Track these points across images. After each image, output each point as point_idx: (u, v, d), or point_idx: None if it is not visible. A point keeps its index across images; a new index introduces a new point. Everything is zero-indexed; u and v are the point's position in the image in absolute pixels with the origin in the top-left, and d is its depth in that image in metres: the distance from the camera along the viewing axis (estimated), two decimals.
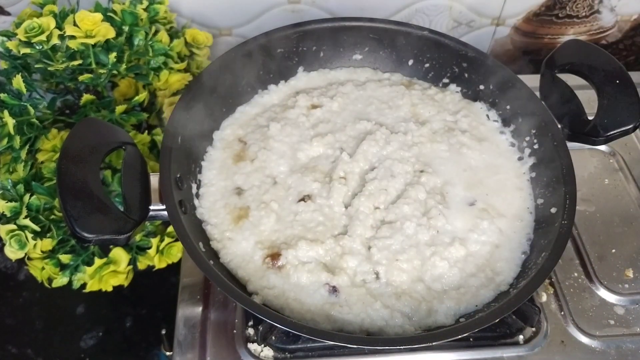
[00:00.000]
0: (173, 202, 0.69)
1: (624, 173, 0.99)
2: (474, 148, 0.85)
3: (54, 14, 0.86)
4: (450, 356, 0.77)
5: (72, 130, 0.66)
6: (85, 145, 0.65)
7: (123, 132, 0.72)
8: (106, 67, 0.85)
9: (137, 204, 0.66)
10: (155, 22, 0.94)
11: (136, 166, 0.69)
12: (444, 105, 0.91)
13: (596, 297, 0.84)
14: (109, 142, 0.68)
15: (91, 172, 0.63)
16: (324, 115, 0.88)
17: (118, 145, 0.69)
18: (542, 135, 0.82)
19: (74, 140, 0.65)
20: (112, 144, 0.68)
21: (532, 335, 0.79)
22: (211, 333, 0.79)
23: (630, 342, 0.80)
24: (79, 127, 0.68)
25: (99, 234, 0.58)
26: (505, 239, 0.77)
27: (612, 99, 0.78)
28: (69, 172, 0.61)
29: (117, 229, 0.61)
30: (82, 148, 0.64)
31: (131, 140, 0.71)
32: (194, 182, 0.80)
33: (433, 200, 0.78)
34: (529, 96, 0.84)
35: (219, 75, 0.85)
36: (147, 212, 0.68)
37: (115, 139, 0.69)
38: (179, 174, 0.75)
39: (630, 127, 0.76)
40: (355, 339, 0.66)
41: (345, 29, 0.92)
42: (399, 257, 0.73)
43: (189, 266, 0.86)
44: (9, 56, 0.86)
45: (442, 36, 0.91)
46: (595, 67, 0.80)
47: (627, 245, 0.89)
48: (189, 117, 0.80)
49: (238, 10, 1.10)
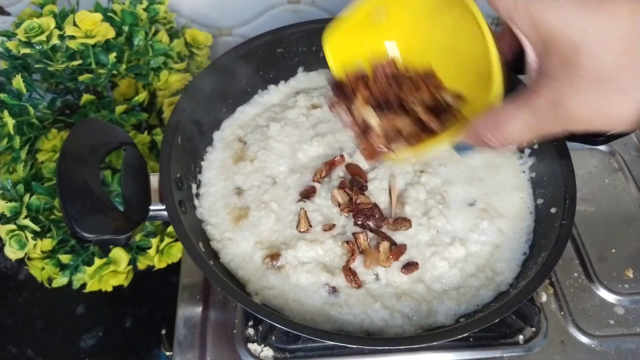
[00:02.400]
0: (173, 202, 0.69)
1: (623, 173, 0.99)
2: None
3: (54, 14, 0.86)
4: (450, 356, 0.77)
5: (72, 131, 0.66)
6: (85, 145, 0.65)
7: (123, 132, 0.72)
8: (106, 67, 0.85)
9: (137, 204, 0.67)
10: (155, 22, 0.95)
11: (136, 166, 0.69)
12: None
13: (596, 297, 0.84)
14: (109, 142, 0.68)
15: (91, 172, 0.63)
16: (323, 115, 0.88)
17: (118, 145, 0.69)
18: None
19: (74, 140, 0.65)
20: (112, 144, 0.68)
21: (532, 335, 0.79)
22: (211, 333, 0.79)
23: (630, 342, 0.80)
24: (79, 127, 0.68)
25: (99, 234, 0.58)
26: (505, 239, 0.77)
27: None
28: (69, 172, 0.61)
29: (117, 229, 0.61)
30: (82, 148, 0.65)
31: (131, 140, 0.71)
32: (194, 182, 0.80)
33: (433, 200, 0.78)
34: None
35: (219, 76, 0.85)
36: (147, 212, 0.68)
37: (115, 139, 0.69)
38: (179, 174, 0.75)
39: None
40: (355, 339, 0.66)
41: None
42: (400, 257, 0.73)
43: (189, 266, 0.86)
44: (9, 56, 0.86)
45: None
46: None
47: (627, 245, 0.89)
48: (189, 117, 0.80)
49: (238, 10, 1.10)
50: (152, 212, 0.68)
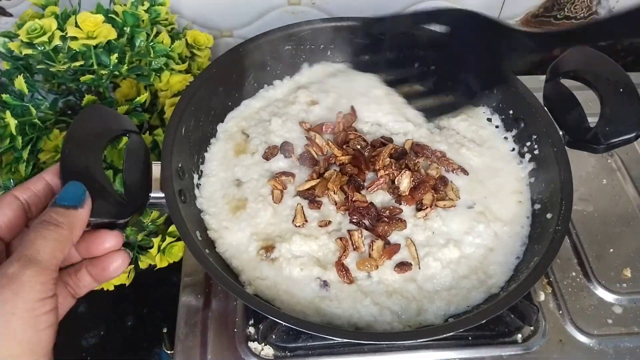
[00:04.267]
0: (172, 190, 0.70)
1: (621, 173, 0.99)
2: (474, 149, 0.86)
3: (56, 15, 0.86)
4: (449, 354, 0.78)
5: (78, 116, 0.67)
6: (90, 131, 0.66)
7: (127, 120, 0.73)
8: (108, 68, 0.85)
9: (137, 191, 0.67)
10: (156, 23, 0.95)
11: (139, 154, 0.70)
12: None
13: (594, 296, 0.85)
14: (114, 128, 0.69)
15: (93, 157, 0.63)
16: (322, 112, 0.88)
17: (122, 132, 0.70)
18: (543, 141, 0.82)
19: (79, 126, 0.65)
20: (117, 130, 0.69)
21: (530, 334, 0.80)
22: (212, 332, 0.80)
23: (628, 341, 0.80)
24: (85, 113, 0.68)
25: (98, 217, 0.59)
26: (500, 243, 0.77)
27: (615, 108, 0.77)
28: (72, 156, 0.61)
29: (116, 213, 0.61)
30: (86, 133, 0.65)
31: (135, 129, 0.72)
32: (196, 173, 0.81)
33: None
34: (532, 102, 0.83)
35: (226, 70, 0.86)
36: (147, 199, 0.69)
37: (120, 126, 0.70)
38: (181, 164, 0.76)
39: (632, 135, 0.76)
40: (341, 332, 0.67)
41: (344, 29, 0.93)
42: (392, 256, 0.74)
43: (190, 265, 0.87)
44: (11, 57, 0.86)
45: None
46: (600, 75, 0.80)
47: (625, 245, 0.90)
48: (194, 109, 0.81)
49: (239, 11, 1.11)
50: (152, 199, 0.69)
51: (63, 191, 0.57)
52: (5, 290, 0.48)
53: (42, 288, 0.49)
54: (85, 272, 0.59)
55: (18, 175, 0.83)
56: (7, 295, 0.47)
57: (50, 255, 0.51)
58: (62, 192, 0.57)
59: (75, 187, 0.57)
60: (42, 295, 0.49)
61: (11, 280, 0.48)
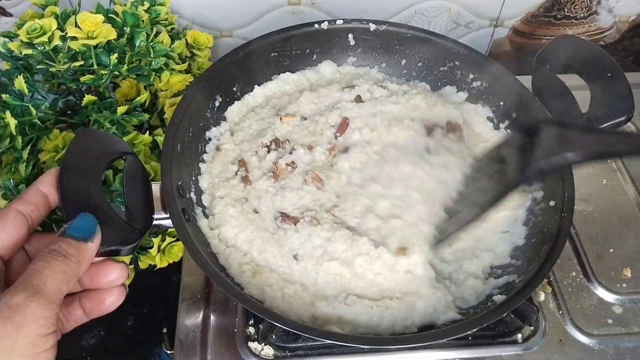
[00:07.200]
0: (177, 210, 0.69)
1: (621, 173, 0.99)
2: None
3: (56, 15, 0.87)
4: (449, 354, 0.78)
5: (71, 142, 0.65)
6: (86, 157, 0.64)
7: (122, 142, 0.71)
8: (107, 68, 0.85)
9: (140, 213, 0.66)
10: (156, 23, 0.95)
11: (137, 176, 0.69)
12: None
13: (594, 296, 0.85)
14: (109, 152, 0.67)
15: (93, 184, 0.62)
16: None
17: (118, 155, 0.68)
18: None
19: (73, 153, 0.63)
20: (113, 154, 0.68)
21: (530, 334, 0.80)
22: (212, 332, 0.80)
23: (628, 341, 0.80)
24: (78, 139, 0.67)
25: (105, 245, 0.57)
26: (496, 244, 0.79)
27: (604, 92, 0.78)
28: (71, 185, 0.60)
29: (122, 240, 0.60)
30: (83, 160, 0.63)
31: (131, 150, 0.70)
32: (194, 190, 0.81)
33: None
34: (521, 90, 0.85)
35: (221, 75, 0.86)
36: (150, 221, 0.67)
37: (116, 149, 0.69)
38: (180, 182, 0.76)
39: (623, 119, 0.76)
40: (341, 337, 0.67)
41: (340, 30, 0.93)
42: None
43: (190, 265, 0.87)
44: (10, 57, 0.86)
45: (434, 35, 0.92)
46: (586, 61, 0.81)
47: (625, 245, 0.90)
48: (187, 124, 0.80)
49: (239, 11, 1.11)
50: (156, 220, 0.68)
51: (75, 222, 0.55)
52: (7, 322, 0.45)
53: (46, 323, 0.47)
54: (77, 306, 0.57)
55: (18, 175, 0.83)
56: (8, 329, 0.44)
57: (57, 287, 0.49)
58: (73, 222, 0.55)
59: (87, 220, 0.56)
60: (44, 331, 0.46)
61: (14, 312, 0.45)
